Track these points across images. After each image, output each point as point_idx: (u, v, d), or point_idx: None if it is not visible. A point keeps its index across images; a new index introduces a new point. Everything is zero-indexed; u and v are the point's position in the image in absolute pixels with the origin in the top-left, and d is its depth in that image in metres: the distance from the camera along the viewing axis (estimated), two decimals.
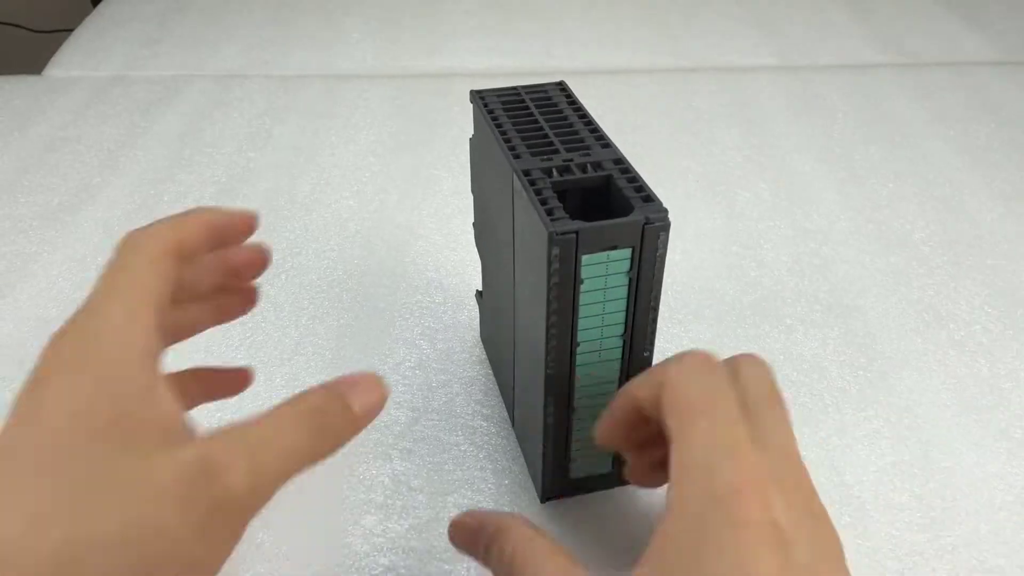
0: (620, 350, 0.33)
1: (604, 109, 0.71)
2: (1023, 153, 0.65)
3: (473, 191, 0.42)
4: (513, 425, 0.41)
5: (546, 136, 0.34)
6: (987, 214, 0.58)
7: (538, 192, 0.30)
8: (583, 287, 0.30)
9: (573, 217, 0.29)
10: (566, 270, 0.29)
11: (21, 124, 0.69)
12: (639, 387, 0.29)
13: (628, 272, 0.30)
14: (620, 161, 0.32)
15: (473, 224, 0.43)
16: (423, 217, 0.57)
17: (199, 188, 0.61)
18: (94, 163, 0.64)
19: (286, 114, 0.70)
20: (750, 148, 0.65)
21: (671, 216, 0.30)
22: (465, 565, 0.35)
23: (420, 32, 0.86)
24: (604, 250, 0.29)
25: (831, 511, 0.26)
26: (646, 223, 0.29)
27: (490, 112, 0.36)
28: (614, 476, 0.37)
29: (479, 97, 0.38)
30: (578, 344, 0.32)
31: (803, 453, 0.28)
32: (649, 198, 0.30)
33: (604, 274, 0.30)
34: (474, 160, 0.40)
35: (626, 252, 0.30)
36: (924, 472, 0.39)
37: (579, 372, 0.33)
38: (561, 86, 0.39)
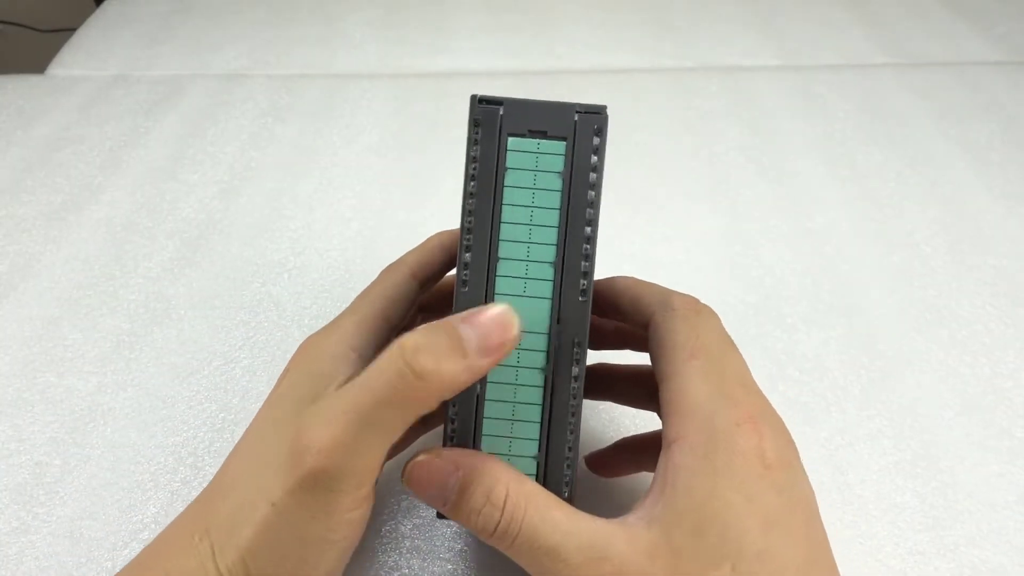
0: (550, 286, 0.27)
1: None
2: None
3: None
4: None
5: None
6: (989, 214, 0.58)
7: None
8: (507, 177, 0.27)
9: None
10: (488, 150, 0.26)
11: (24, 123, 0.69)
12: (649, 292, 0.31)
13: (560, 173, 0.27)
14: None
15: None
16: (425, 217, 0.57)
17: (202, 188, 0.61)
18: (97, 162, 0.64)
19: (288, 114, 0.70)
20: (752, 148, 0.65)
21: (671, 215, 0.29)
22: (467, 564, 0.35)
23: (422, 32, 0.86)
24: (533, 136, 0.27)
25: (833, 510, 0.27)
26: (579, 110, 0.27)
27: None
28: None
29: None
30: (499, 260, 0.27)
31: (805, 452, 0.28)
32: (596, 107, 0.28)
33: (533, 168, 0.27)
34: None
35: (559, 145, 0.27)
36: (926, 471, 0.40)
37: (498, 302, 0.27)
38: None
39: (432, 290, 0.35)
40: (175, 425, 0.42)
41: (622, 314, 0.32)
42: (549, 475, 0.28)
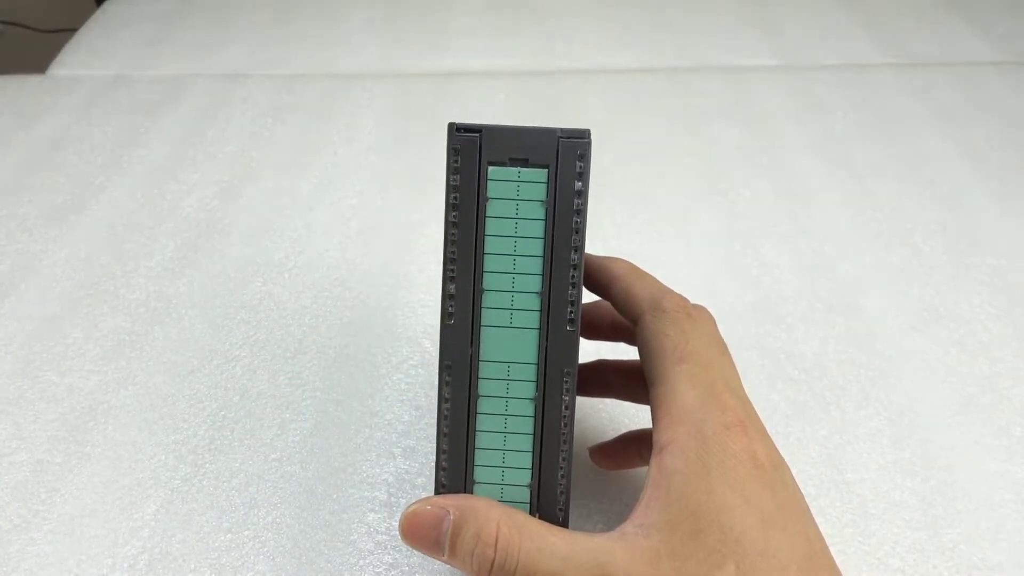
0: (536, 316, 0.27)
1: (605, 108, 0.71)
2: (1023, 153, 0.65)
3: None
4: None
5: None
6: (987, 213, 0.58)
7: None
8: (489, 209, 0.26)
9: None
10: (468, 180, 0.26)
11: (25, 123, 0.70)
12: (641, 288, 0.31)
13: (544, 201, 0.26)
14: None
15: None
16: (425, 216, 0.58)
17: (202, 187, 0.61)
18: (97, 162, 0.64)
19: (288, 113, 0.71)
20: (751, 147, 0.65)
21: (670, 214, 0.28)
22: None
23: (422, 32, 0.86)
24: (515, 165, 0.26)
25: (832, 509, 0.27)
26: (562, 135, 0.26)
27: None
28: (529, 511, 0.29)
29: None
30: (483, 292, 0.26)
31: (804, 451, 0.28)
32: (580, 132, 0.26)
33: (514, 197, 0.26)
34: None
35: (541, 173, 0.26)
36: (924, 470, 0.40)
37: (485, 337, 0.27)
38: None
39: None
40: (176, 423, 0.42)
41: (611, 300, 0.32)
42: (543, 501, 0.28)
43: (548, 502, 0.28)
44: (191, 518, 0.37)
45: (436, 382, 0.38)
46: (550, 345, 0.27)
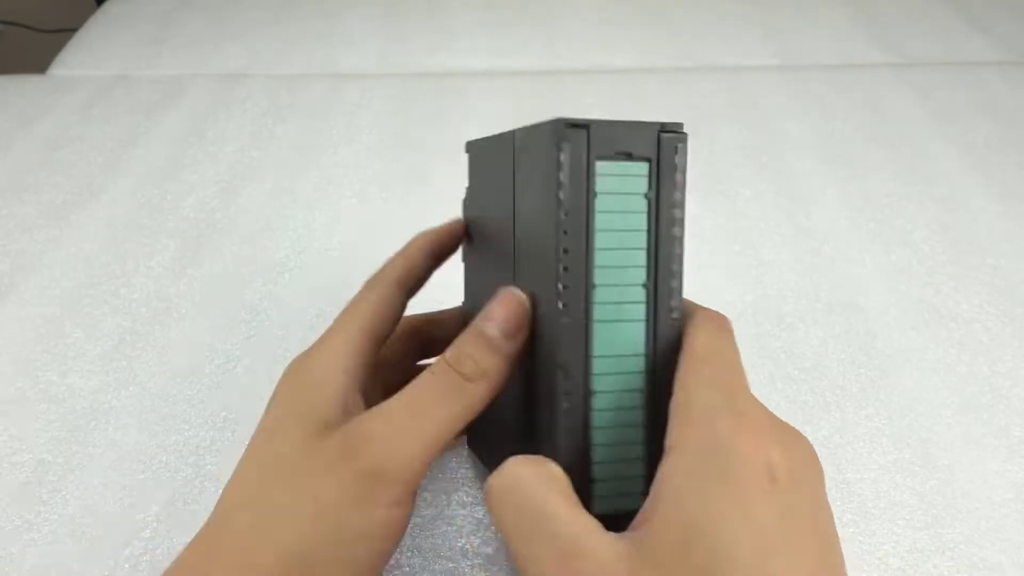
0: (644, 307, 0.27)
1: (605, 108, 0.71)
2: (1022, 153, 0.65)
3: (464, 259, 0.37)
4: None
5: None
6: (987, 213, 0.58)
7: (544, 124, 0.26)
8: (598, 202, 0.26)
9: None
10: (577, 176, 0.25)
11: (25, 123, 0.70)
12: None
13: (647, 194, 0.26)
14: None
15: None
16: (425, 215, 0.57)
17: (202, 187, 0.61)
18: (98, 162, 0.64)
19: (289, 113, 0.71)
20: (751, 147, 0.65)
21: None
22: (469, 563, 0.35)
23: (422, 31, 0.86)
24: (619, 159, 0.26)
25: (833, 509, 0.26)
26: (662, 130, 0.27)
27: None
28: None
29: (475, 147, 0.34)
30: (594, 287, 0.26)
31: None
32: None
33: (620, 191, 0.26)
34: (468, 216, 0.36)
35: (643, 166, 0.26)
36: (925, 470, 0.40)
37: (597, 336, 0.26)
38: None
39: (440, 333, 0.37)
40: (176, 424, 0.42)
41: None
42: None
43: None
44: (193, 519, 0.37)
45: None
46: (658, 335, 0.27)
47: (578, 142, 0.25)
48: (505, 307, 0.28)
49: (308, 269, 0.53)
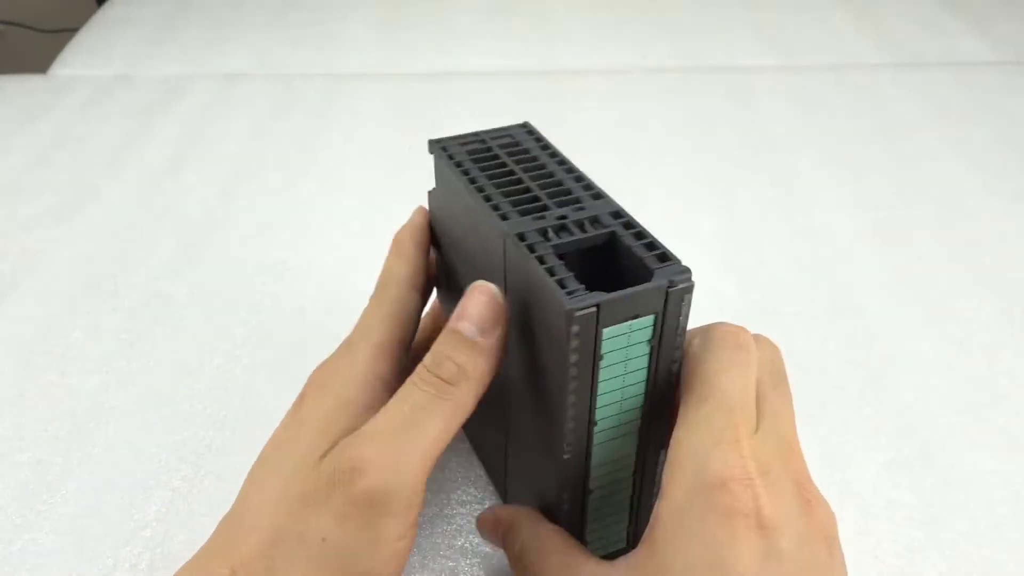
0: (638, 423, 0.29)
1: (605, 108, 0.72)
2: (1022, 152, 0.65)
3: (434, 244, 0.37)
4: (505, 500, 0.38)
5: (528, 190, 0.30)
6: (986, 213, 0.58)
7: (540, 260, 0.26)
8: (603, 363, 0.27)
9: (579, 282, 0.26)
10: (585, 348, 0.26)
11: (26, 123, 0.70)
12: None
13: (650, 340, 0.27)
14: (619, 214, 0.29)
15: (437, 284, 0.39)
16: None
17: (203, 187, 0.61)
18: (99, 161, 0.64)
19: (289, 113, 0.71)
20: (750, 147, 0.66)
21: (669, 214, 0.29)
22: (468, 561, 0.36)
23: (422, 32, 0.86)
24: (625, 321, 0.26)
25: (831, 507, 0.26)
26: (670, 287, 0.26)
27: (458, 165, 0.32)
28: (626, 551, 0.33)
29: (441, 148, 0.34)
30: (595, 423, 0.28)
31: (803, 450, 0.28)
32: (665, 256, 0.27)
33: (625, 346, 0.27)
34: (436, 215, 0.36)
35: (648, 320, 0.26)
36: (923, 469, 0.40)
37: (595, 452, 0.29)
38: (527, 128, 0.35)
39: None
40: (177, 423, 0.42)
41: None
42: (637, 536, 0.32)
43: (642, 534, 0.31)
44: (193, 518, 0.38)
45: None
46: (650, 434, 0.29)
47: (587, 323, 0.25)
48: (478, 302, 0.27)
49: (308, 269, 0.53)
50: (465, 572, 0.35)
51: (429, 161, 0.35)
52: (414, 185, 0.61)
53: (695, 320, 0.46)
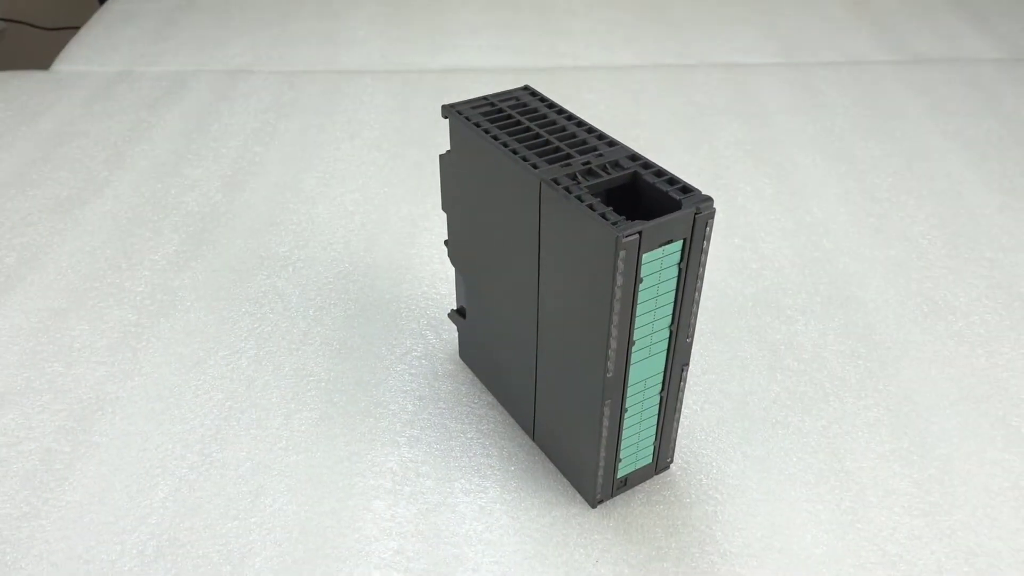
0: (667, 341, 0.33)
1: (607, 104, 0.72)
2: (1021, 148, 0.65)
3: (446, 208, 0.40)
4: (533, 436, 0.40)
5: (549, 143, 0.34)
6: (985, 208, 0.58)
7: (580, 199, 0.30)
8: (642, 285, 0.30)
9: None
10: (628, 272, 0.29)
11: (29, 119, 0.70)
12: None
13: (679, 263, 0.31)
14: (636, 157, 0.33)
15: (446, 242, 0.42)
16: (427, 210, 0.58)
17: (205, 182, 0.61)
18: (101, 157, 0.65)
19: (291, 109, 0.71)
20: (751, 143, 0.66)
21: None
22: (472, 549, 0.36)
23: (424, 29, 0.87)
24: (660, 246, 0.30)
25: (831, 496, 0.26)
26: (697, 213, 0.30)
27: (477, 125, 0.35)
28: (652, 467, 0.38)
29: (456, 111, 0.36)
30: (634, 343, 0.32)
31: (804, 440, 0.28)
32: (687, 188, 0.31)
33: (659, 269, 0.30)
34: (450, 177, 0.39)
35: (678, 245, 0.30)
36: (922, 459, 0.40)
37: (631, 371, 0.33)
38: (529, 90, 0.38)
39: None
40: (182, 413, 0.43)
41: None
42: (659, 455, 0.38)
43: (663, 455, 0.38)
44: (199, 505, 0.38)
45: (439, 373, 0.45)
46: (675, 355, 0.34)
47: (632, 248, 0.29)
48: None
49: (311, 262, 0.53)
50: (469, 558, 0.35)
51: (432, 157, 0.35)
52: (416, 179, 0.62)
53: (700, 316, 0.47)
